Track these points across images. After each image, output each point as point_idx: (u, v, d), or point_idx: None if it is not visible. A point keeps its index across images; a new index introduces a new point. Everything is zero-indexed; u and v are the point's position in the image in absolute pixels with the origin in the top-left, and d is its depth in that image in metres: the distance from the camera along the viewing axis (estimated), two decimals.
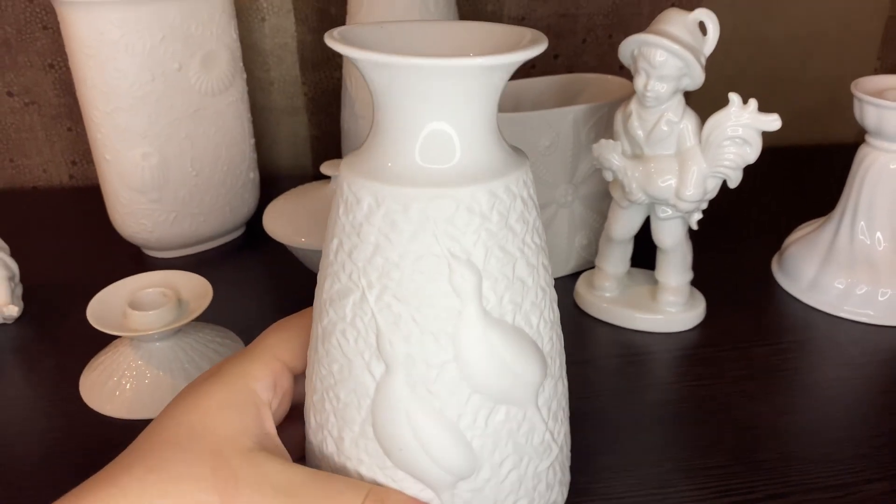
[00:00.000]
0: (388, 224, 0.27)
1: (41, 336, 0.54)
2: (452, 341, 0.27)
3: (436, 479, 0.28)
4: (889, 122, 0.50)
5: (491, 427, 0.28)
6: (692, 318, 0.53)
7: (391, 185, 0.27)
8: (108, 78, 0.56)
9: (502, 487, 0.29)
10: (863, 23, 0.83)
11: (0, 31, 0.74)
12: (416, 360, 0.27)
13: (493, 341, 0.28)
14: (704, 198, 0.47)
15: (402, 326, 0.27)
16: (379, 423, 0.28)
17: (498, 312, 0.28)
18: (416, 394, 0.28)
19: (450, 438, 0.28)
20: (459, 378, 0.28)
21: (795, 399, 0.46)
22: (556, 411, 0.31)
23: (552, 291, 0.31)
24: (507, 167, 0.28)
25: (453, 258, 0.27)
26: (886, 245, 0.53)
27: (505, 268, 0.28)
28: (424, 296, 0.27)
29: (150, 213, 0.61)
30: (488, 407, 0.28)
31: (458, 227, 0.27)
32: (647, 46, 0.44)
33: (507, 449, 0.29)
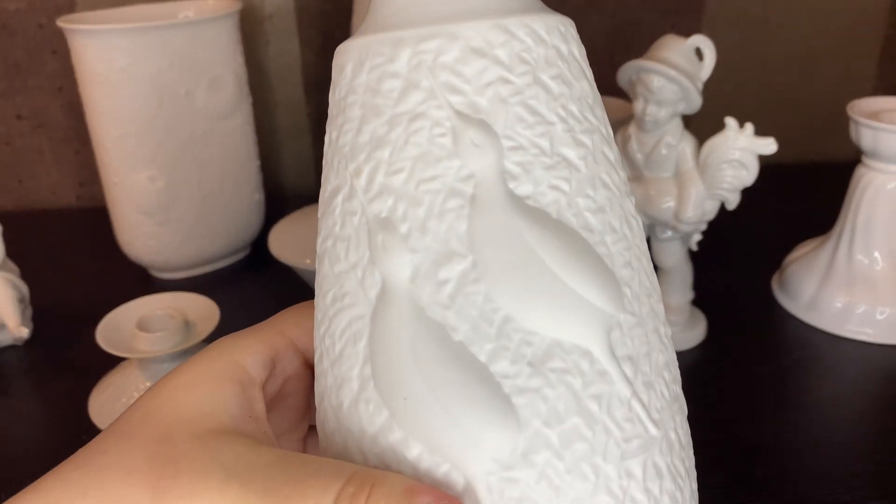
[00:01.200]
0: (372, 84, 0.21)
1: (51, 357, 0.55)
2: (468, 237, 0.20)
3: (460, 450, 0.19)
4: (885, 143, 0.51)
5: (539, 373, 0.19)
6: (693, 337, 0.53)
7: (374, 32, 0.21)
8: (117, 103, 0.57)
9: (568, 477, 0.19)
10: (860, 42, 0.84)
11: (11, 55, 0.75)
12: (421, 265, 0.20)
13: (530, 238, 0.20)
14: (703, 219, 0.48)
15: (399, 220, 0.20)
16: (379, 367, 0.20)
17: (532, 198, 0.20)
18: (424, 318, 0.20)
19: (473, 386, 0.19)
20: (483, 293, 0.20)
21: (795, 418, 0.47)
22: (654, 379, 0.21)
23: (626, 199, 0.22)
24: (534, 7, 0.22)
25: (459, 118, 0.20)
26: (884, 264, 0.54)
27: (539, 137, 0.20)
28: (425, 175, 0.20)
29: (158, 235, 0.62)
30: (531, 340, 0.20)
31: (464, 76, 0.20)
32: (645, 72, 0.45)
33: (568, 409, 0.20)
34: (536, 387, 0.19)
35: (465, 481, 0.20)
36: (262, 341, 0.25)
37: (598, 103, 0.23)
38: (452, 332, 0.20)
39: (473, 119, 0.20)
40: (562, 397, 0.19)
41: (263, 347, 0.25)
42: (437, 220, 0.20)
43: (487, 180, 0.20)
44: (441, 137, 0.20)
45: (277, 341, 0.25)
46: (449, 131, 0.20)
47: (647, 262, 0.23)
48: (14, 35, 0.74)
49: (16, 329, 0.53)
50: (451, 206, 0.20)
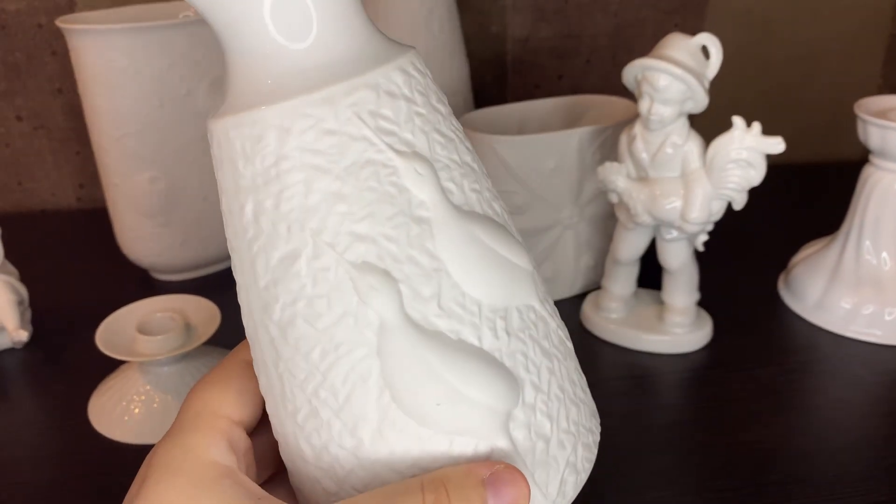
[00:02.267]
0: (309, 145, 0.22)
1: (50, 360, 0.54)
2: (437, 252, 0.23)
3: (487, 421, 0.23)
4: (893, 142, 0.50)
5: (513, 336, 0.24)
6: (699, 338, 0.53)
7: (290, 98, 0.22)
8: (117, 104, 0.57)
9: (551, 403, 0.24)
10: (865, 41, 0.84)
11: (10, 56, 0.74)
12: (408, 291, 0.22)
13: (477, 234, 0.23)
14: (710, 220, 0.48)
15: (377, 259, 0.22)
16: (400, 389, 0.22)
17: (465, 203, 0.24)
18: (424, 332, 0.22)
19: (483, 365, 0.23)
20: (462, 293, 0.23)
21: (802, 420, 0.46)
22: (552, 305, 0.27)
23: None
24: (397, 48, 0.24)
25: (399, 156, 0.22)
26: (892, 265, 0.53)
27: (451, 153, 0.24)
28: (386, 214, 0.22)
29: (158, 237, 0.61)
30: (500, 313, 0.24)
31: (389, 118, 0.22)
32: (651, 71, 0.44)
33: (538, 356, 0.24)
34: (517, 348, 0.24)
35: (491, 446, 0.23)
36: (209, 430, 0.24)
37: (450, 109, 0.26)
38: (451, 333, 0.23)
39: (410, 153, 0.23)
40: (531, 347, 0.24)
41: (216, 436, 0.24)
42: (409, 248, 0.22)
43: (437, 201, 0.23)
44: (391, 177, 0.22)
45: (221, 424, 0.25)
46: (395, 169, 0.22)
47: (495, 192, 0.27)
48: (13, 36, 0.74)
49: (15, 332, 0.52)
50: (416, 232, 0.22)
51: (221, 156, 0.23)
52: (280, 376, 0.24)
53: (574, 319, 0.56)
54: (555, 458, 0.24)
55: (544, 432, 0.24)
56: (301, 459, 0.24)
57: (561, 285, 0.58)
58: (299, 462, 0.24)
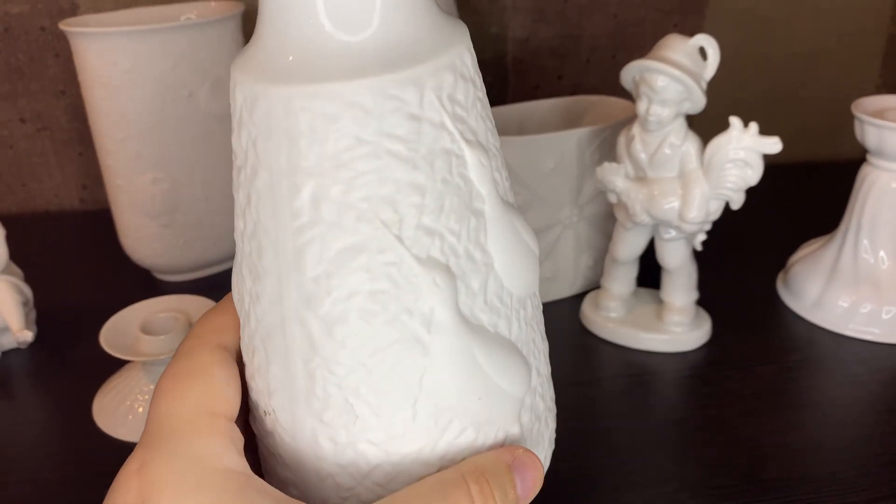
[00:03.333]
0: (391, 129, 0.20)
1: (55, 360, 0.55)
2: (488, 245, 0.23)
3: (510, 409, 0.24)
4: (890, 142, 0.51)
5: (528, 325, 0.24)
6: (698, 337, 0.53)
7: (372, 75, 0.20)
8: (120, 106, 0.57)
9: (542, 384, 0.25)
10: (864, 40, 0.84)
11: (13, 58, 0.75)
12: (462, 286, 0.22)
13: (516, 225, 0.24)
14: (707, 219, 0.48)
15: (440, 253, 0.21)
16: (447, 385, 0.22)
17: (506, 195, 0.24)
18: (471, 327, 0.22)
19: (511, 356, 0.23)
20: (501, 285, 0.23)
21: (801, 418, 0.47)
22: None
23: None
24: (456, 24, 0.23)
25: (468, 145, 0.22)
26: (890, 263, 0.54)
27: (496, 141, 0.24)
28: (453, 206, 0.21)
29: (161, 238, 0.62)
30: (523, 304, 0.24)
31: (461, 103, 0.21)
32: (649, 72, 0.44)
33: (538, 342, 0.25)
34: (529, 335, 0.25)
35: (505, 433, 0.24)
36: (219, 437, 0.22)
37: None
38: (490, 326, 0.23)
39: (475, 142, 0.22)
40: (537, 334, 0.26)
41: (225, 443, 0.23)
42: (468, 242, 0.22)
43: (490, 194, 0.22)
44: (461, 168, 0.22)
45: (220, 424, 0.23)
46: (463, 161, 0.22)
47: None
48: (16, 38, 0.74)
49: (19, 332, 0.53)
50: (473, 225, 0.22)
51: (272, 126, 0.20)
52: (311, 373, 0.22)
53: (574, 319, 0.57)
54: (541, 436, 0.26)
55: (539, 413, 0.25)
56: (314, 456, 0.23)
57: (561, 284, 0.59)
58: (310, 458, 0.23)
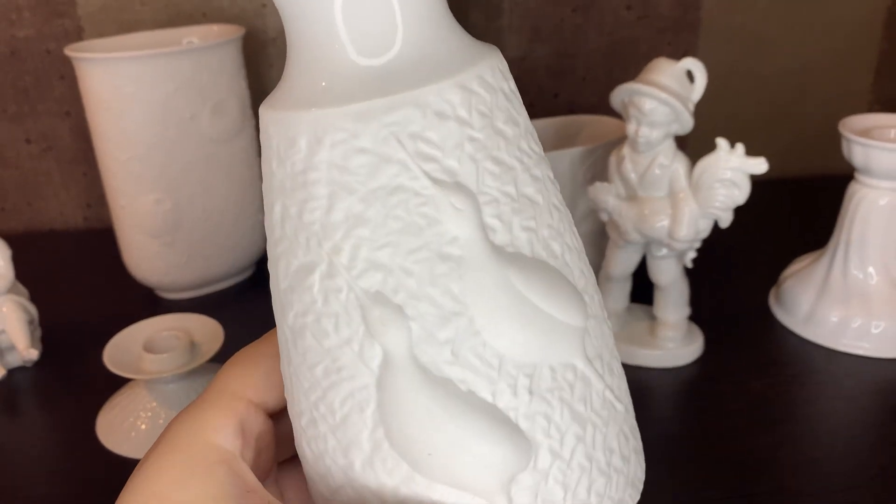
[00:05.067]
0: (338, 161, 0.20)
1: (59, 378, 0.56)
2: (462, 296, 0.21)
3: (485, 481, 0.21)
4: (876, 160, 0.52)
5: (538, 397, 0.21)
6: (690, 352, 0.54)
7: (330, 106, 0.20)
8: (123, 128, 0.59)
9: (571, 472, 0.22)
10: (856, 57, 0.85)
11: (20, 81, 0.77)
12: (420, 331, 0.21)
13: (515, 282, 0.21)
14: (697, 237, 0.49)
15: (392, 292, 0.20)
16: (395, 430, 0.21)
17: (511, 244, 0.21)
18: (431, 377, 0.21)
19: (489, 424, 0.21)
20: (482, 342, 0.21)
21: (792, 432, 0.47)
22: (610, 361, 0.24)
23: (567, 212, 0.24)
24: (473, 54, 0.21)
25: (437, 186, 0.20)
26: (879, 279, 0.55)
27: (506, 185, 0.21)
28: (411, 246, 0.20)
29: (164, 257, 0.63)
30: (528, 372, 0.21)
31: (434, 142, 0.20)
32: (637, 95, 0.46)
33: (565, 420, 0.22)
34: (538, 410, 0.22)
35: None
36: (224, 410, 0.24)
37: (532, 130, 0.23)
38: (460, 384, 0.21)
39: (450, 184, 0.20)
40: (559, 411, 0.22)
41: (228, 418, 0.24)
42: (430, 287, 0.20)
43: (472, 240, 0.21)
44: (422, 207, 0.20)
45: (238, 406, 0.25)
46: (428, 200, 0.20)
47: (583, 257, 0.24)
48: (23, 61, 0.76)
49: (25, 351, 0.54)
50: (440, 271, 0.20)
51: (264, 147, 0.22)
52: (290, 377, 0.23)
53: None
54: None
55: (554, 501, 0.22)
56: (303, 458, 0.24)
57: None
58: (303, 459, 0.24)
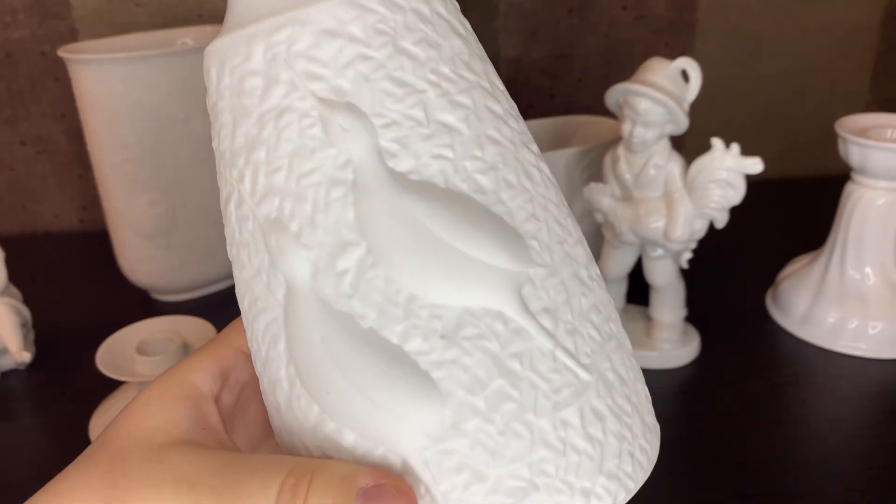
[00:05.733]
0: (236, 85, 0.20)
1: (52, 380, 0.55)
2: (357, 224, 0.19)
3: (390, 432, 0.20)
4: (873, 160, 0.52)
5: (454, 344, 0.19)
6: (686, 354, 0.54)
7: (228, 33, 0.21)
8: (118, 131, 0.58)
9: (501, 438, 0.20)
10: (853, 58, 0.85)
11: (15, 83, 0.76)
12: (318, 261, 0.20)
13: (418, 213, 0.19)
14: (692, 238, 0.49)
15: (288, 219, 0.20)
16: (301, 366, 0.21)
17: (416, 172, 0.20)
18: (331, 311, 0.20)
19: (391, 368, 0.19)
20: (383, 276, 0.19)
21: (789, 433, 0.47)
22: (577, 323, 0.21)
23: (528, 153, 0.22)
24: None
25: (325, 105, 0.19)
26: (875, 279, 0.54)
27: (411, 109, 0.20)
28: (303, 169, 0.20)
29: (158, 259, 0.63)
30: (439, 314, 0.19)
31: (321, 61, 0.19)
32: (632, 95, 0.45)
33: (489, 375, 0.20)
34: (453, 358, 0.19)
35: (401, 460, 0.20)
36: (209, 356, 0.26)
37: (477, 57, 0.22)
38: (361, 320, 0.20)
39: (339, 104, 0.19)
40: (481, 363, 0.20)
41: (211, 362, 0.25)
42: (324, 213, 0.20)
43: (365, 163, 0.19)
44: (311, 128, 0.20)
45: (225, 353, 0.26)
46: (317, 121, 0.20)
47: (555, 209, 0.22)
48: (17, 64, 0.76)
49: (18, 354, 0.54)
50: (335, 196, 0.20)
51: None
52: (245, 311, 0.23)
53: None
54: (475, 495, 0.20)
55: (474, 466, 0.20)
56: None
57: None
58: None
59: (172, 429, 0.23)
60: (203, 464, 0.21)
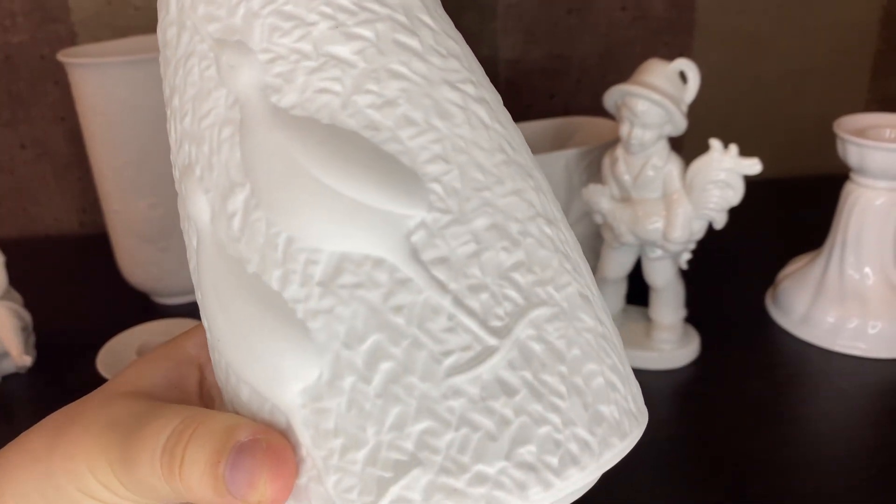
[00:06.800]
0: (161, 37, 0.21)
1: (54, 384, 0.55)
2: (242, 163, 0.19)
3: (270, 385, 0.19)
4: (871, 160, 0.52)
5: (329, 292, 0.18)
6: (686, 354, 0.54)
7: None
8: (117, 134, 0.58)
9: (379, 401, 0.18)
10: (852, 57, 0.85)
11: (14, 86, 0.76)
12: (214, 204, 0.19)
13: (291, 151, 0.18)
14: (691, 239, 0.49)
15: (194, 163, 0.20)
16: (203, 313, 0.20)
17: (299, 106, 0.19)
18: (224, 256, 0.19)
19: (270, 316, 0.18)
20: (265, 218, 0.19)
21: (789, 433, 0.47)
22: (489, 279, 0.19)
23: (451, 91, 0.20)
24: None
25: (219, 45, 0.19)
26: (875, 279, 0.55)
27: (298, 42, 0.19)
28: (201, 111, 0.20)
29: (158, 262, 0.63)
30: (315, 258, 0.18)
31: (219, 3, 0.19)
32: (630, 97, 0.46)
33: (366, 327, 0.18)
34: (329, 307, 0.18)
35: (285, 418, 0.19)
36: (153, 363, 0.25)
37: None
38: (247, 264, 0.19)
39: (230, 42, 0.19)
40: (358, 314, 0.18)
41: (157, 367, 0.25)
42: (217, 155, 0.19)
43: (249, 100, 0.19)
44: (208, 70, 0.20)
45: (178, 355, 0.26)
46: (213, 62, 0.19)
47: (483, 154, 0.20)
48: (17, 67, 0.76)
49: (19, 358, 0.54)
50: (224, 136, 0.19)
51: None
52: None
53: None
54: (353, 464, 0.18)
55: (350, 430, 0.18)
56: None
57: None
58: None
59: (141, 382, 0.24)
60: (137, 409, 0.22)
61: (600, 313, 0.21)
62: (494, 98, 0.21)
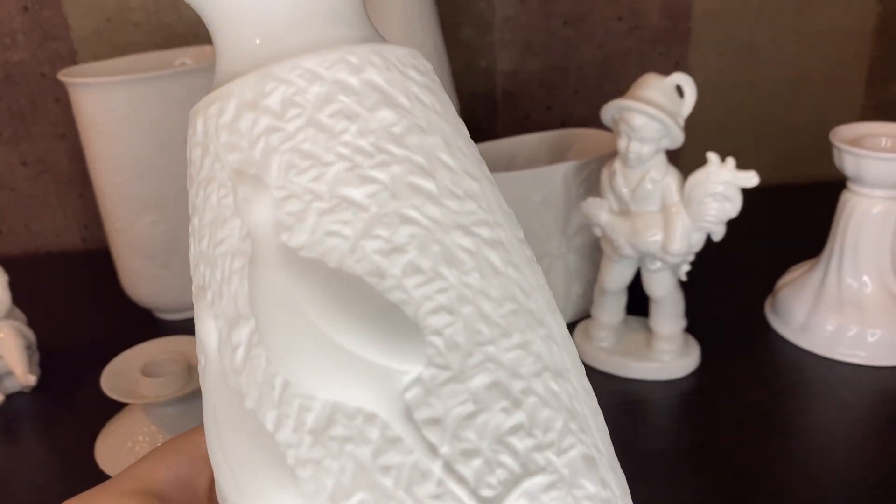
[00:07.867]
0: (189, 157, 0.22)
1: (58, 402, 0.56)
2: (249, 297, 0.19)
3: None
4: (867, 169, 0.52)
5: (320, 443, 0.18)
6: (686, 364, 0.54)
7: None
8: (118, 152, 0.59)
9: None
10: (848, 64, 0.86)
11: (15, 104, 0.77)
12: (221, 331, 0.19)
13: (294, 292, 0.18)
14: (690, 251, 0.49)
15: (207, 286, 0.20)
16: (206, 433, 0.21)
17: (308, 248, 0.18)
18: (225, 386, 0.19)
19: (261, 457, 0.18)
20: (266, 357, 0.18)
21: (789, 443, 0.47)
22: (484, 444, 0.18)
23: (463, 236, 0.20)
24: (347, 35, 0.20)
25: (236, 176, 0.19)
26: (873, 287, 0.55)
27: (313, 182, 0.19)
28: (217, 238, 0.20)
29: (161, 278, 0.63)
30: (308, 405, 0.18)
31: (240, 132, 0.19)
32: (627, 111, 0.46)
33: (352, 484, 0.17)
34: (318, 457, 0.17)
35: None
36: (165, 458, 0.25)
37: (415, 131, 0.20)
38: (245, 398, 0.18)
39: (247, 174, 0.19)
40: (346, 469, 0.17)
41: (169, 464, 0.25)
42: (227, 284, 0.19)
43: (260, 236, 0.19)
44: (225, 198, 0.20)
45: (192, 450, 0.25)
46: (230, 191, 0.19)
47: (490, 304, 0.19)
48: (18, 85, 0.76)
49: (23, 377, 0.54)
50: (236, 266, 0.19)
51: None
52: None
53: None
54: None
55: None
56: None
57: None
58: None
59: (152, 481, 0.24)
60: None
61: (606, 475, 0.20)
62: (512, 237, 0.21)
